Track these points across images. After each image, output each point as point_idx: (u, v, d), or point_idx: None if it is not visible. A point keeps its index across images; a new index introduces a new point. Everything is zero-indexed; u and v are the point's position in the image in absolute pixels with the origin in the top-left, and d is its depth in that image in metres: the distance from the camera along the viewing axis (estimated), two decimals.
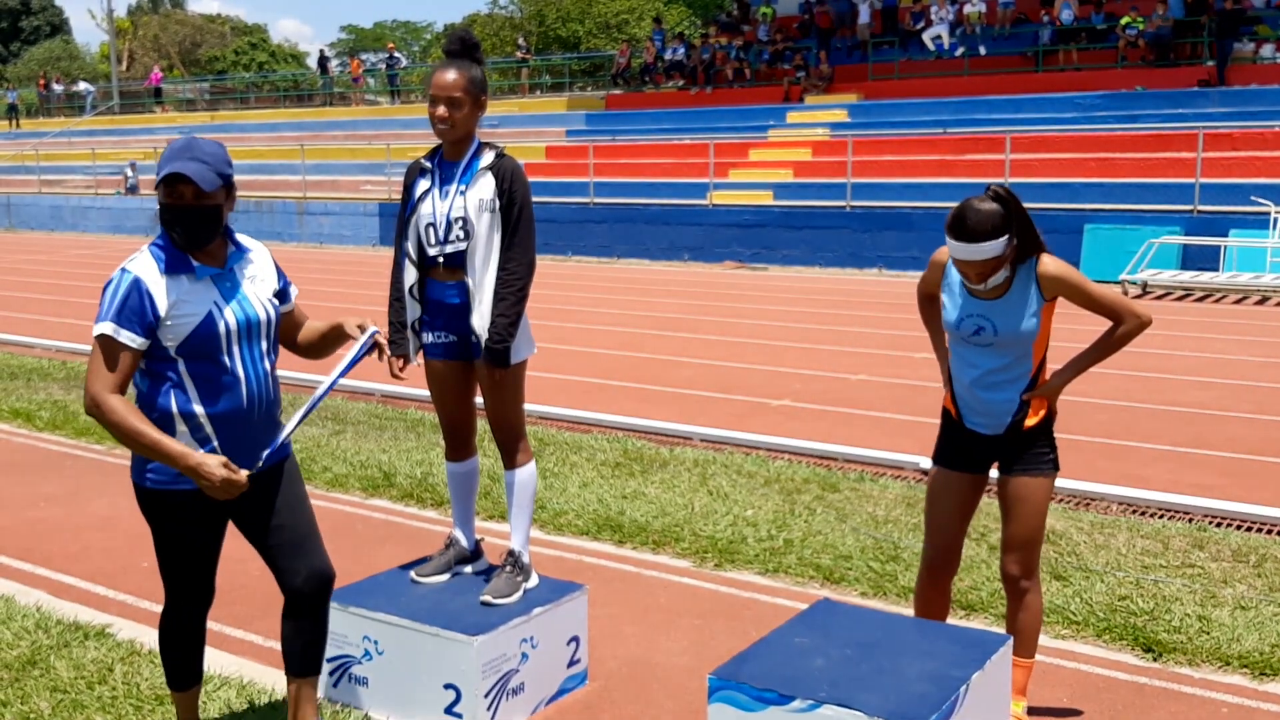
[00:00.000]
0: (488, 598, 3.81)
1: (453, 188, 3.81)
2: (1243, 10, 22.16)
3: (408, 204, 3.91)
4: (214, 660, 4.15)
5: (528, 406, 4.11)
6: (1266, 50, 21.89)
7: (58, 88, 46.24)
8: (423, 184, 3.90)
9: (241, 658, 4.25)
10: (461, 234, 3.78)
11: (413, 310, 3.94)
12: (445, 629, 3.63)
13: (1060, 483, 6.30)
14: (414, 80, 45.43)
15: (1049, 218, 16.95)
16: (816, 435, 7.26)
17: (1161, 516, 5.79)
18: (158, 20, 69.59)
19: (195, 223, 3.02)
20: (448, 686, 3.64)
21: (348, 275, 18.61)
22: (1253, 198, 15.95)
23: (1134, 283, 14.98)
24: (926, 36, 25.57)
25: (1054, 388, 3.56)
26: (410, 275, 3.90)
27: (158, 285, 2.98)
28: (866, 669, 3.18)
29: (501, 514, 5.81)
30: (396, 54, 38.77)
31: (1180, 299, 14.58)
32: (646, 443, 7.27)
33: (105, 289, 2.97)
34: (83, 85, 46.53)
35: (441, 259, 3.83)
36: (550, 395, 8.42)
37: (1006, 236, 3.33)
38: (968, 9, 25.33)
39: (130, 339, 2.94)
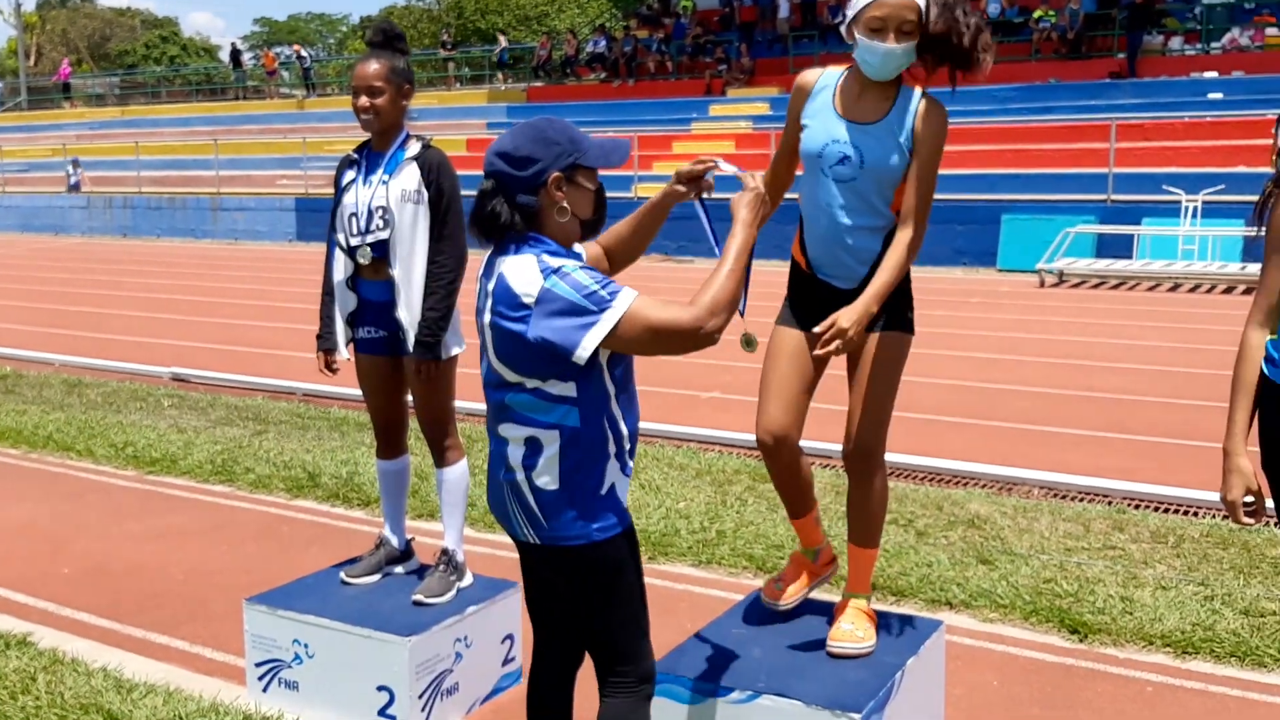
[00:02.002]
0: (420, 597, 3.76)
1: (376, 177, 3.78)
2: (1151, 3, 22.75)
3: (335, 197, 3.86)
4: (139, 668, 4.04)
5: (458, 403, 4.04)
6: (1175, 43, 22.51)
7: None
8: (349, 175, 3.86)
9: (168, 664, 4.14)
10: (382, 223, 3.73)
11: (348, 302, 3.87)
12: (377, 630, 3.57)
13: (983, 468, 6.43)
14: (330, 73, 44.77)
15: (968, 208, 17.25)
16: (747, 427, 7.27)
17: (1082, 500, 5.91)
18: (66, 14, 67.70)
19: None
20: (381, 688, 3.58)
21: (264, 272, 18.28)
22: (1164, 187, 16.37)
23: (1050, 271, 15.29)
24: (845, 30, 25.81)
25: (863, 307, 3.05)
26: (344, 267, 3.84)
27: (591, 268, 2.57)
28: (804, 658, 3.19)
29: (431, 512, 5.74)
30: (303, 52, 38.16)
31: (1096, 287, 14.92)
32: None
33: (550, 302, 2.39)
34: None
35: (366, 251, 3.77)
36: (477, 390, 8.33)
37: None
38: None
39: (630, 297, 2.44)
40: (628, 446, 2.59)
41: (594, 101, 27.17)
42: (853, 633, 3.22)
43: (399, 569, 4.05)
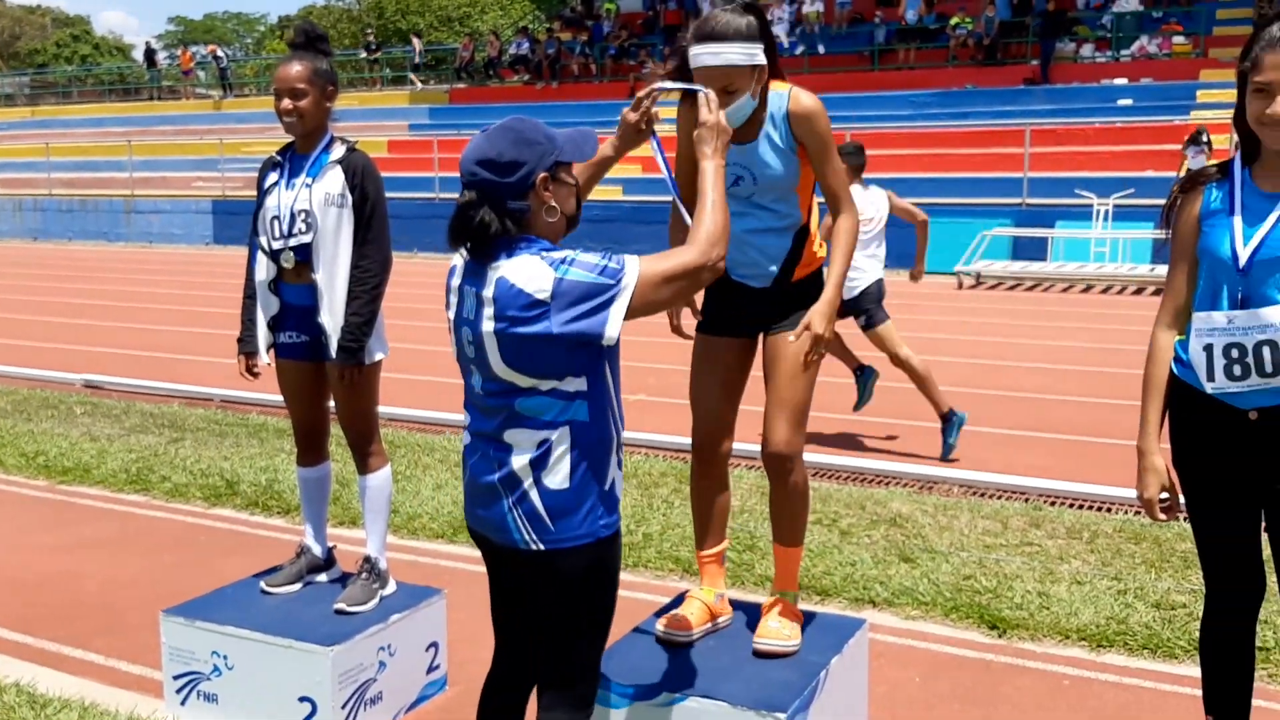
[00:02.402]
0: (343, 606, 3.70)
1: (299, 180, 3.72)
2: (1064, 11, 23.31)
3: (257, 200, 3.80)
4: (53, 682, 3.93)
5: (381, 408, 4.00)
6: (1086, 50, 23.07)
7: None
8: (272, 177, 3.80)
9: (83, 678, 4.03)
10: (304, 227, 3.68)
11: (271, 305, 3.81)
12: (299, 640, 3.51)
13: (902, 467, 6.53)
14: (248, 73, 44.02)
15: None
16: (672, 429, 7.30)
17: (1000, 497, 6.02)
18: None
19: None
20: (303, 699, 3.52)
21: (180, 275, 17.90)
22: (1076, 191, 16.77)
23: (969, 273, 15.58)
24: None
25: (826, 303, 3.16)
26: (267, 270, 3.77)
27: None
28: (729, 659, 3.21)
29: (353, 520, 5.67)
30: (219, 52, 37.47)
31: (1012, 288, 15.23)
32: None
33: (569, 295, 2.36)
34: None
35: (288, 255, 3.71)
36: (399, 396, 8.26)
37: (755, 45, 3.09)
38: (806, 8, 25.94)
39: (633, 263, 2.47)
40: (621, 442, 2.59)
41: (517, 104, 27.05)
42: (779, 631, 3.24)
43: (321, 577, 3.99)
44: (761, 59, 3.08)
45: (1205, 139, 15.22)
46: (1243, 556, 2.85)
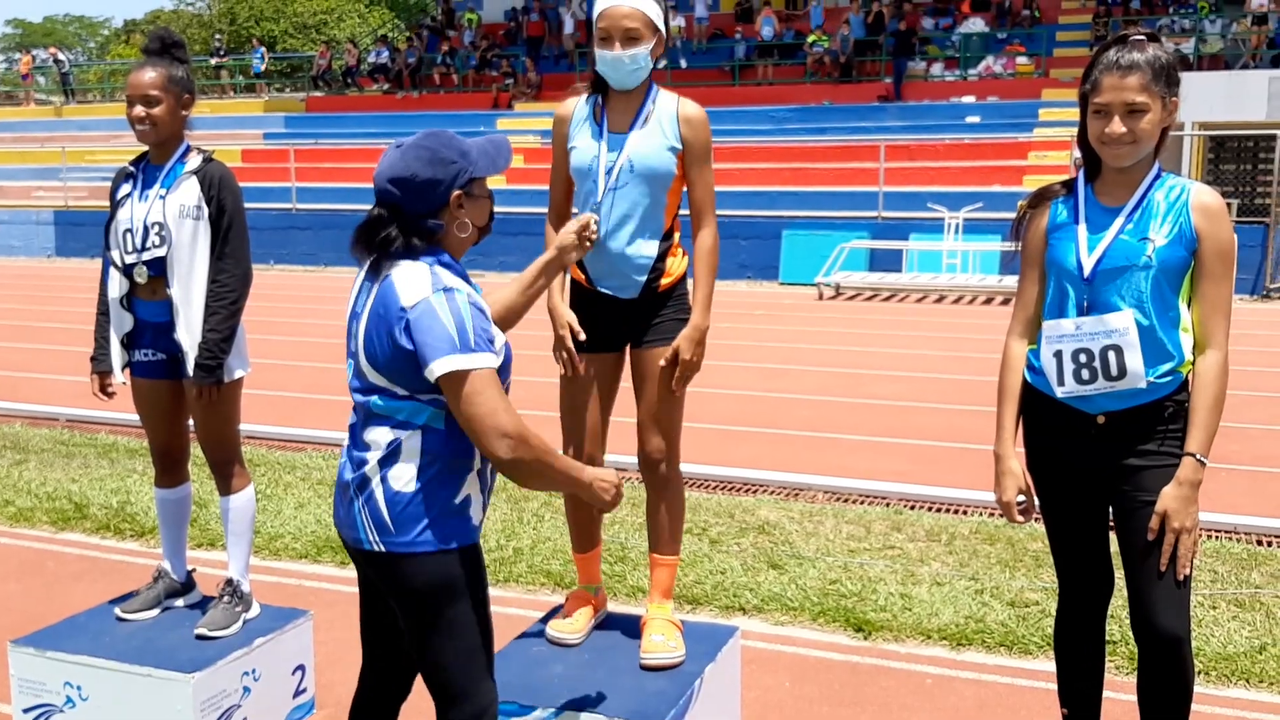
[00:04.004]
0: (204, 631, 3.58)
1: (153, 191, 3.59)
2: (914, 32, 24.12)
3: (111, 211, 3.65)
4: None
5: (243, 427, 3.88)
6: (936, 69, 23.91)
7: None
8: (125, 189, 3.65)
9: None
10: (158, 240, 3.55)
11: (124, 322, 3.66)
12: (158, 668, 3.38)
13: (769, 475, 6.64)
14: (91, 79, 42.28)
15: (750, 224, 17.80)
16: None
17: (863, 503, 6.18)
18: None
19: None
20: None
21: (19, 290, 17.06)
22: (929, 205, 17.35)
23: (828, 284, 15.96)
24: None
25: (700, 320, 3.30)
26: (120, 286, 3.62)
27: (479, 300, 2.49)
28: (603, 672, 3.21)
29: (213, 541, 5.49)
30: (61, 55, 35.89)
31: (870, 299, 15.66)
32: None
33: (428, 316, 2.36)
34: None
35: (142, 269, 3.57)
36: (258, 413, 8.03)
37: (660, 11, 3.21)
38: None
39: (494, 361, 2.41)
40: (483, 476, 2.55)
41: (377, 113, 26.64)
42: (665, 644, 3.27)
43: (180, 602, 3.84)
44: (662, 28, 3.24)
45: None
46: (1092, 554, 2.99)
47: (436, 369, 2.35)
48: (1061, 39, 23.92)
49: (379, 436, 2.47)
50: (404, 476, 2.45)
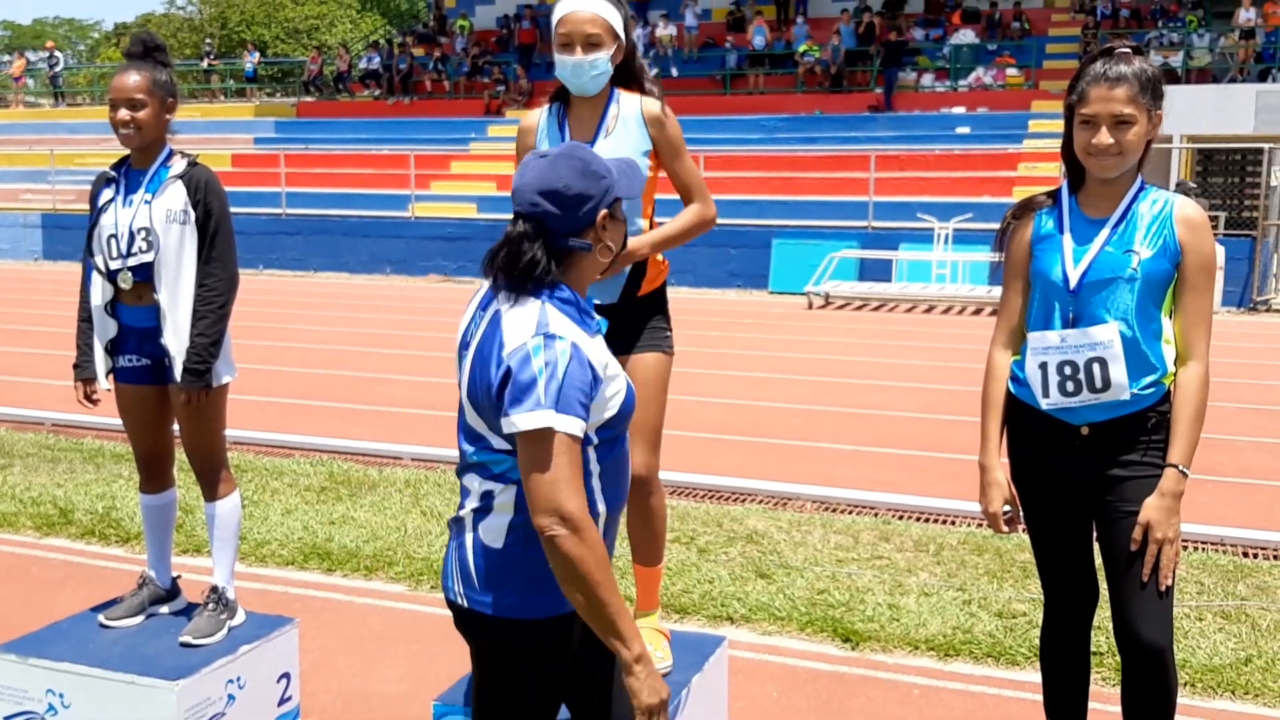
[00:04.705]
0: (188, 638, 3.56)
1: (138, 196, 3.57)
2: (904, 42, 24.21)
3: (91, 218, 3.63)
4: None
5: (229, 432, 3.86)
6: (926, 79, 24.00)
7: None
8: (107, 194, 3.62)
9: None
10: (145, 245, 3.53)
11: (108, 328, 3.64)
12: (141, 675, 3.36)
13: (758, 484, 6.64)
14: (80, 81, 42.18)
15: (740, 233, 17.83)
16: None
17: (851, 512, 6.18)
18: None
19: None
20: None
21: (7, 293, 16.99)
22: (918, 215, 17.39)
23: (818, 294, 15.98)
24: None
25: (641, 242, 3.22)
26: (103, 292, 3.61)
27: (592, 349, 2.21)
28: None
29: (197, 548, 5.47)
30: (57, 53, 35.79)
31: (859, 308, 15.69)
32: (354, 464, 7.05)
33: (522, 364, 2.15)
34: None
35: (127, 275, 3.56)
36: (245, 418, 8.00)
37: (620, 16, 3.21)
38: (659, 32, 26.28)
39: (578, 427, 2.16)
40: (602, 528, 2.29)
41: (368, 119, 26.63)
42: (651, 653, 3.25)
43: (164, 609, 3.82)
44: (622, 35, 3.21)
45: None
46: (1076, 565, 2.99)
47: (515, 420, 2.13)
48: (1051, 51, 24.03)
49: (474, 485, 2.29)
50: (494, 534, 2.25)
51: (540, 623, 2.25)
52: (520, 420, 2.13)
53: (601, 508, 2.28)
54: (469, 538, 2.29)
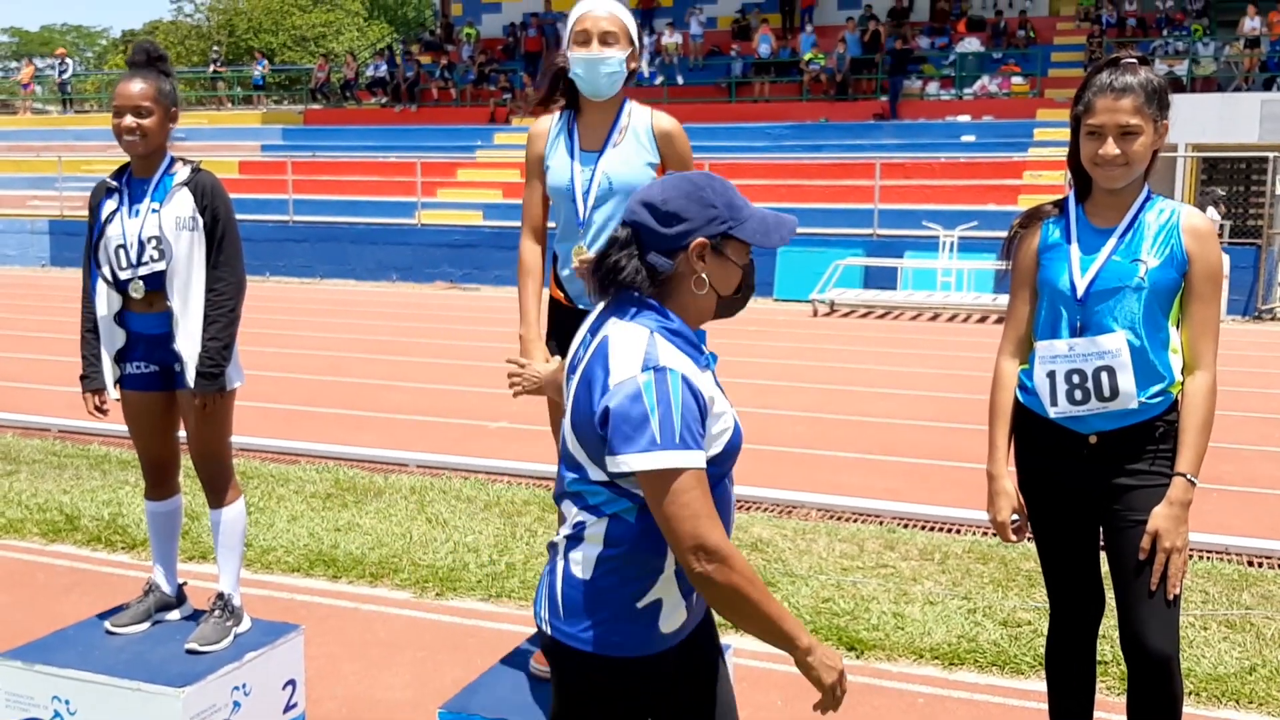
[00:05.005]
0: (195, 645, 3.56)
1: (144, 205, 3.59)
2: (910, 51, 24.22)
3: (94, 228, 3.63)
4: None
5: (236, 439, 3.88)
6: (932, 88, 24.01)
7: None
8: (110, 204, 3.64)
9: None
10: (156, 254, 3.56)
11: (116, 338, 3.65)
12: (147, 682, 3.36)
13: (763, 492, 6.63)
14: (88, 89, 42.32)
15: None
16: (536, 457, 7.27)
17: (856, 521, 6.18)
18: None
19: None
20: None
21: (14, 299, 17.04)
22: (924, 223, 17.40)
23: (823, 301, 15.98)
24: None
25: None
26: (110, 302, 3.62)
27: (701, 382, 2.13)
28: None
29: (203, 554, 5.47)
30: (67, 60, 35.91)
31: (864, 316, 15.68)
32: (359, 471, 7.06)
33: (629, 400, 2.05)
34: None
35: (138, 285, 3.58)
36: (251, 425, 8.01)
37: (634, 26, 3.30)
38: (665, 40, 26.32)
39: (701, 459, 2.08)
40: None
41: (375, 126, 26.70)
42: None
43: (171, 616, 3.83)
44: (636, 43, 3.28)
45: None
46: (1082, 574, 2.99)
47: (630, 463, 2.04)
48: (1056, 59, 24.05)
49: (570, 512, 2.21)
50: (582, 565, 2.18)
51: (623, 661, 2.16)
52: (635, 462, 2.04)
53: (673, 564, 2.19)
54: (560, 564, 2.22)
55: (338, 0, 56.26)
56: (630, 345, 2.09)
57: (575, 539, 2.19)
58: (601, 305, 2.23)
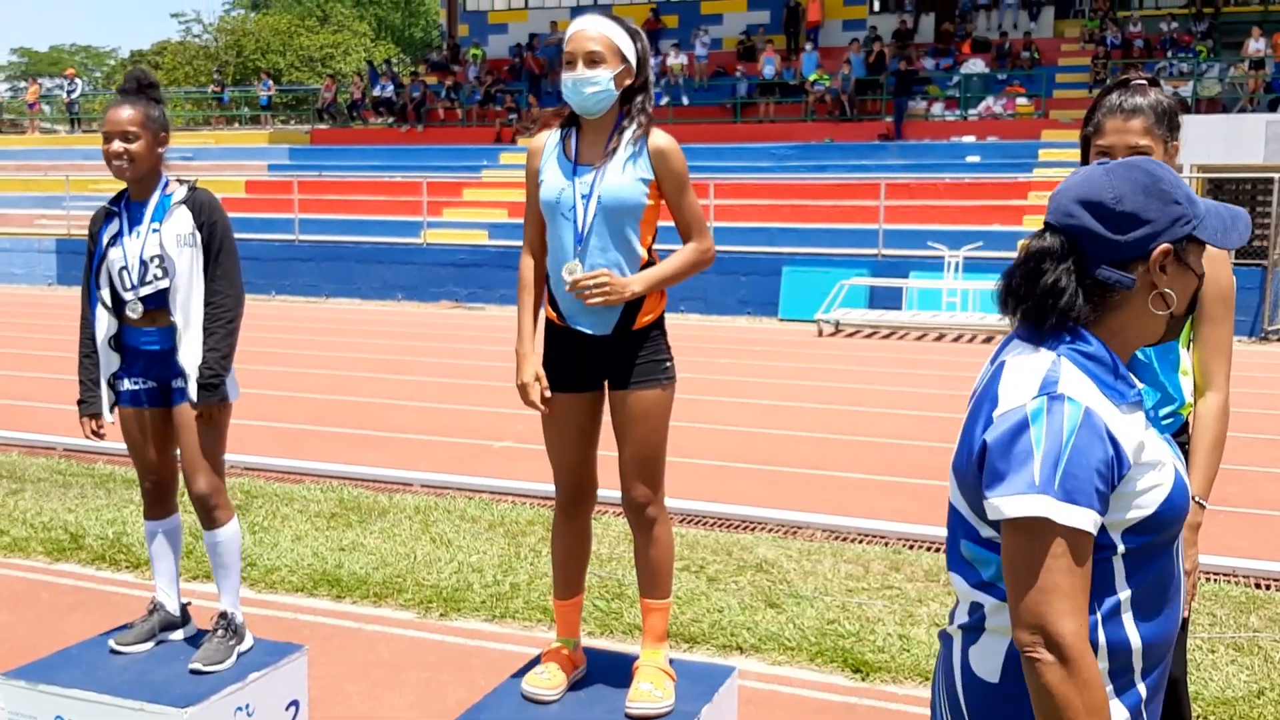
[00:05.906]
0: (198, 665, 3.56)
1: (144, 227, 3.63)
2: (915, 71, 24.30)
3: (95, 254, 3.67)
4: None
5: (233, 457, 3.88)
6: (937, 108, 24.07)
7: None
8: (111, 229, 3.68)
9: None
10: (160, 273, 3.59)
11: (112, 362, 3.68)
12: (150, 702, 3.36)
13: (767, 513, 6.62)
14: (95, 108, 42.54)
15: (750, 260, 17.87)
16: (540, 476, 7.26)
17: (861, 541, 6.16)
18: None
19: None
20: None
21: (20, 317, 17.09)
22: (929, 243, 17.40)
23: (828, 321, 15.98)
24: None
25: (635, 279, 3.21)
26: (108, 326, 3.65)
27: (1117, 422, 1.71)
28: (599, 712, 3.19)
29: (207, 573, 5.46)
30: (77, 80, 36.13)
31: (869, 336, 15.68)
32: (364, 491, 7.05)
33: (1012, 432, 1.69)
34: None
35: (136, 305, 3.61)
36: (256, 444, 8.02)
37: (632, 45, 3.26)
38: (670, 61, 26.42)
39: (1089, 520, 1.66)
40: (1138, 667, 1.75)
41: (381, 146, 26.79)
42: (651, 693, 3.23)
43: (175, 635, 3.83)
44: (632, 60, 3.25)
45: None
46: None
47: (999, 504, 1.67)
48: (1061, 80, 24.10)
49: (960, 589, 1.83)
50: (988, 663, 1.77)
51: None
52: (1005, 505, 1.66)
53: (1134, 640, 1.74)
54: (957, 661, 1.82)
55: (345, 21, 56.60)
56: (1028, 370, 1.74)
57: (974, 630, 1.79)
58: (1014, 330, 1.83)
